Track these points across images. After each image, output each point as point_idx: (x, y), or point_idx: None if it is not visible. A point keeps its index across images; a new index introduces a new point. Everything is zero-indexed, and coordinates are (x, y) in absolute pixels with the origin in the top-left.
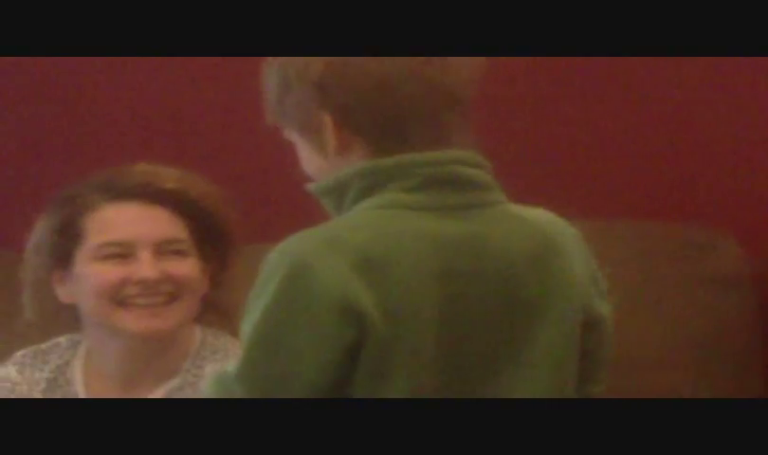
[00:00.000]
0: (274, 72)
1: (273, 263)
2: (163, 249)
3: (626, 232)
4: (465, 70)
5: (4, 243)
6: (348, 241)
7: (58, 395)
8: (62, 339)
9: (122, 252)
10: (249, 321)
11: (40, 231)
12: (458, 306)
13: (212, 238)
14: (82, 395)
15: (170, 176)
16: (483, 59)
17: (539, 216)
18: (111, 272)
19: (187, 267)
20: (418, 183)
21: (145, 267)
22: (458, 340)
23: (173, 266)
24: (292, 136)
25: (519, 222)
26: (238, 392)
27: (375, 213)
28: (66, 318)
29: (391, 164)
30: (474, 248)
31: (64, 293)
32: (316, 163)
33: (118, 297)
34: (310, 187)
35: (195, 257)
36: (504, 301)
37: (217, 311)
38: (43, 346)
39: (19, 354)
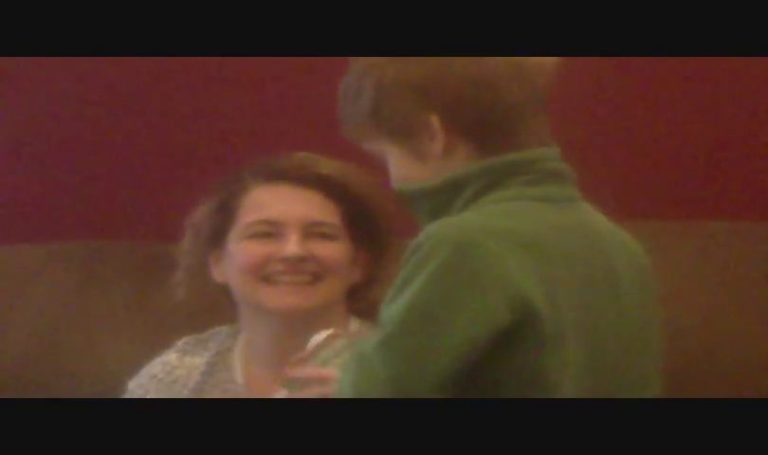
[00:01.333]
0: (360, 83)
1: (428, 247)
2: (311, 231)
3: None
4: (551, 70)
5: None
6: (504, 228)
7: (215, 379)
8: (224, 328)
9: (271, 231)
10: (399, 300)
11: (200, 213)
12: (587, 292)
13: (366, 226)
14: (239, 380)
15: (326, 163)
16: (558, 58)
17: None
18: (257, 249)
19: (333, 250)
20: (536, 178)
21: (291, 245)
22: (593, 324)
23: (318, 247)
24: (378, 146)
25: (601, 216)
26: (377, 364)
27: (512, 205)
28: (220, 301)
29: (511, 161)
30: (587, 238)
31: (218, 272)
32: (412, 170)
33: (262, 273)
34: (409, 188)
35: (345, 242)
36: (611, 289)
37: (369, 304)
38: (204, 335)
39: (181, 341)
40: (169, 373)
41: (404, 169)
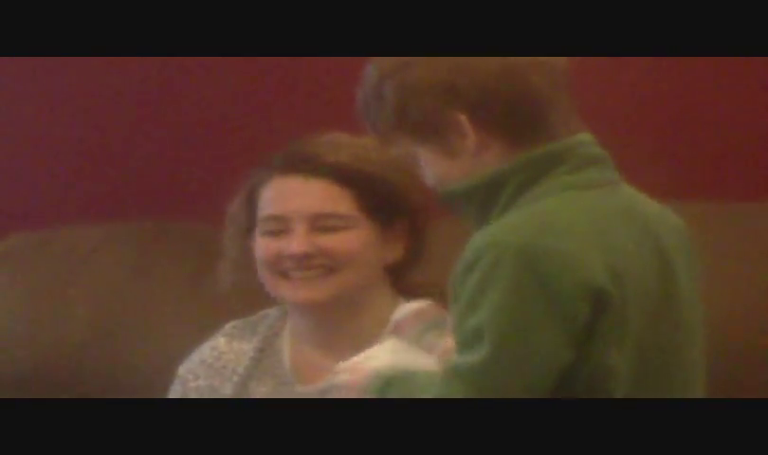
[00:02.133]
0: (381, 88)
1: (493, 256)
2: (318, 224)
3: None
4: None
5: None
6: (562, 222)
7: (264, 365)
8: (272, 310)
9: (280, 227)
10: (477, 318)
11: (235, 203)
12: (645, 276)
13: (390, 206)
14: (286, 364)
15: (344, 147)
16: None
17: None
18: (269, 245)
19: (344, 240)
20: (577, 165)
21: (295, 243)
22: (652, 309)
23: (327, 241)
24: (408, 146)
25: (644, 196)
26: (476, 393)
27: (561, 197)
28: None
29: (551, 150)
30: (636, 221)
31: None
32: (443, 170)
33: (278, 269)
34: (453, 188)
35: (364, 228)
36: (665, 272)
37: (416, 283)
38: (253, 318)
39: (229, 325)
40: (218, 358)
41: (437, 167)
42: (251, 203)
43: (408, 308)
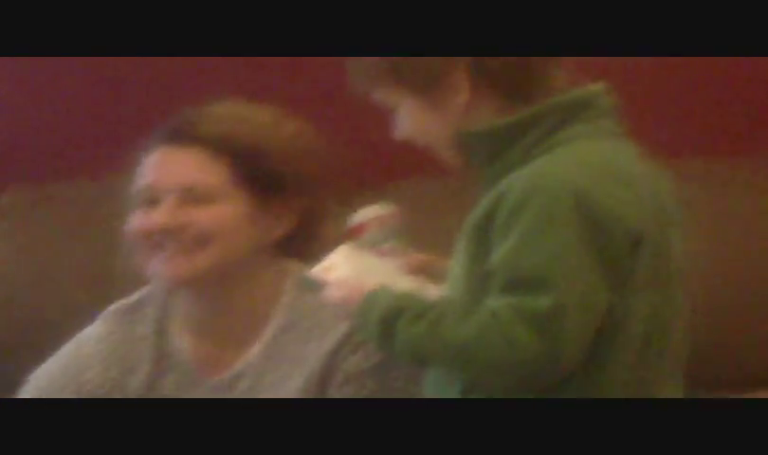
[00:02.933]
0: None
1: (547, 197)
2: (188, 195)
3: None
4: None
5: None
6: (602, 165)
7: (165, 351)
8: (153, 289)
9: (149, 198)
10: (537, 259)
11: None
12: (658, 227)
13: (266, 181)
14: (186, 352)
15: (222, 117)
16: None
17: None
18: (139, 219)
19: (213, 215)
20: (597, 113)
21: (159, 215)
22: (664, 248)
23: (197, 213)
24: (391, 97)
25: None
26: (555, 327)
27: (588, 143)
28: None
29: (578, 97)
30: (644, 171)
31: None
32: (426, 122)
33: (148, 244)
34: (474, 129)
35: (237, 201)
36: (666, 226)
37: (298, 255)
38: (135, 298)
39: (110, 310)
40: (111, 347)
41: (418, 121)
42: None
43: (367, 212)
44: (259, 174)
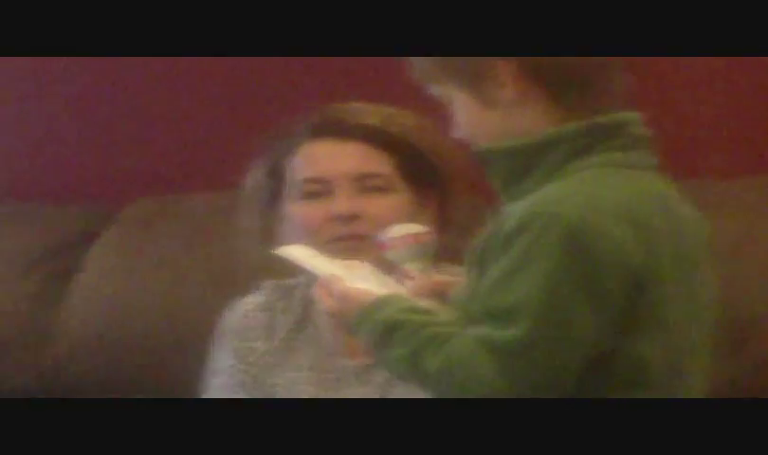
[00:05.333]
0: None
1: (540, 226)
2: (362, 185)
3: None
4: None
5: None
6: (609, 200)
7: (306, 333)
8: (300, 278)
9: (318, 190)
10: (518, 289)
11: (252, 177)
12: (676, 266)
13: (421, 174)
14: (328, 335)
15: (371, 112)
16: None
17: None
18: (311, 210)
19: (389, 203)
20: (624, 143)
21: (341, 203)
22: (681, 302)
23: (371, 204)
24: (446, 90)
25: (670, 185)
26: (519, 362)
27: (604, 173)
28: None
29: (604, 124)
30: (668, 211)
31: (280, 234)
32: (475, 120)
33: (322, 235)
34: (492, 146)
35: (403, 193)
36: (687, 264)
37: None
38: (286, 282)
39: (269, 284)
40: (264, 316)
41: (469, 116)
42: (276, 173)
43: (400, 229)
44: (414, 167)
